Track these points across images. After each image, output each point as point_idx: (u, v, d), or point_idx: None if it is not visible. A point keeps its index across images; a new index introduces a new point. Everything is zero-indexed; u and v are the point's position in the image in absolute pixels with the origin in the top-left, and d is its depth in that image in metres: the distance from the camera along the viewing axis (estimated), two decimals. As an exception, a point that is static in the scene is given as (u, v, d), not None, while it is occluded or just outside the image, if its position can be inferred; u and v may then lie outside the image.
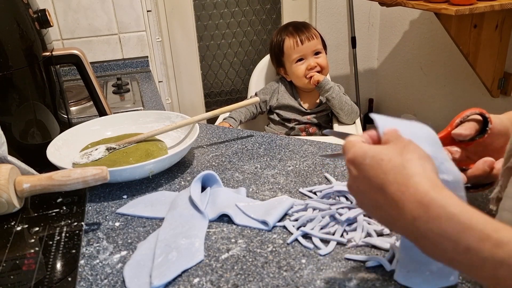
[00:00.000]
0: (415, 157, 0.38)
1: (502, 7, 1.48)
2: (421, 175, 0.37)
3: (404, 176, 0.37)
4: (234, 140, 0.90)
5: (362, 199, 0.42)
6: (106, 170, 0.62)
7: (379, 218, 0.41)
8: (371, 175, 0.39)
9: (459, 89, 2.04)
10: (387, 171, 0.38)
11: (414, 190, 0.36)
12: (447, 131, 0.55)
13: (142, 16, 1.55)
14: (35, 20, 0.79)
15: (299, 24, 1.56)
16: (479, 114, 0.55)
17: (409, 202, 0.36)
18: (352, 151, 0.42)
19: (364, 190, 0.41)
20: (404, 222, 0.37)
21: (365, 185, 0.40)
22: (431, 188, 0.36)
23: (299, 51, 1.51)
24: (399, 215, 0.37)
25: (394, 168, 0.38)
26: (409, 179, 0.37)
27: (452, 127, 0.55)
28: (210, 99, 2.41)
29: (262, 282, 0.50)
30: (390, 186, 0.37)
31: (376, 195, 0.39)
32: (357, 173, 0.41)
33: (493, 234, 0.32)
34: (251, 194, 0.69)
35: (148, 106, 1.23)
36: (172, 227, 0.59)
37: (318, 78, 1.48)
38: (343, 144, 0.45)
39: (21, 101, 0.78)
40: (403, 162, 0.38)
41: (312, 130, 1.56)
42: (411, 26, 2.24)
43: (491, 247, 0.32)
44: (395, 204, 0.37)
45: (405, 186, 0.36)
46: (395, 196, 0.37)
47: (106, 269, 0.54)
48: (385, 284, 0.48)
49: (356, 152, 0.41)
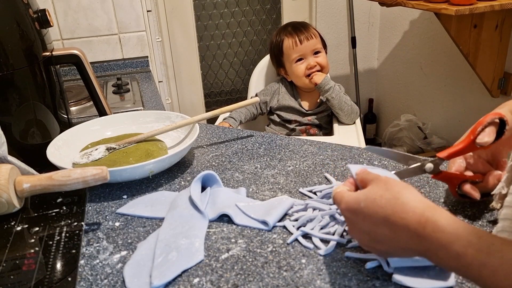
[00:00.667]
0: (400, 188, 0.44)
1: (502, 7, 1.48)
2: (413, 200, 0.43)
3: (399, 205, 0.43)
4: (234, 140, 0.90)
5: (366, 238, 0.47)
6: (106, 170, 0.62)
7: (389, 248, 0.45)
8: (371, 214, 0.44)
9: (459, 89, 2.04)
10: (383, 206, 0.43)
11: (412, 213, 0.42)
12: (470, 139, 0.56)
13: (142, 16, 1.55)
14: (35, 20, 0.79)
15: (298, 24, 1.56)
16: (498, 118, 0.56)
17: (411, 224, 0.41)
18: (344, 201, 0.48)
19: (368, 229, 0.46)
20: (412, 242, 0.42)
21: (368, 225, 0.45)
22: (424, 209, 0.42)
23: (298, 50, 1.51)
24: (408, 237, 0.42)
25: (388, 201, 0.43)
26: (405, 206, 0.42)
27: (475, 134, 0.56)
28: (210, 99, 2.41)
29: (262, 282, 0.50)
30: (391, 216, 0.43)
31: (381, 229, 0.44)
32: (356, 218, 0.47)
33: (475, 240, 0.38)
34: (251, 194, 0.69)
35: (148, 106, 1.23)
36: (172, 227, 0.59)
37: (316, 81, 1.48)
38: (333, 196, 0.51)
39: (21, 101, 0.78)
40: (394, 195, 0.44)
41: (312, 131, 1.56)
42: (411, 26, 2.24)
43: (474, 252, 0.38)
44: (401, 228, 0.42)
45: (404, 213, 0.42)
46: (399, 223, 0.42)
47: (106, 269, 0.54)
48: (385, 284, 0.48)
49: (349, 201, 0.47)
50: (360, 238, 0.48)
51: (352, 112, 1.48)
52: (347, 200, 0.48)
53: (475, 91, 1.94)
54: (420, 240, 0.41)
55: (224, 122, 1.52)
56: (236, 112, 1.54)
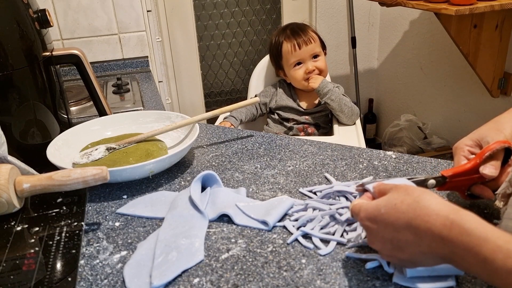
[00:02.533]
0: (420, 192, 0.43)
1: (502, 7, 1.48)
2: (436, 203, 0.41)
3: (422, 208, 0.41)
4: (234, 140, 0.90)
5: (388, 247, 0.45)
6: (106, 170, 0.62)
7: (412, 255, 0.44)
8: (392, 220, 0.43)
9: (459, 89, 2.04)
10: (405, 211, 0.42)
11: (436, 216, 0.40)
12: (476, 163, 0.57)
13: (142, 16, 1.55)
14: (35, 20, 0.79)
15: (296, 27, 1.55)
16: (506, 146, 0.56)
17: (435, 227, 0.40)
18: (364, 209, 0.47)
19: (391, 236, 0.44)
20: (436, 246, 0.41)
21: (390, 231, 0.44)
22: (449, 211, 0.40)
23: (296, 55, 1.51)
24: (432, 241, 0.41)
25: (409, 206, 0.42)
26: (428, 209, 0.41)
27: (481, 159, 0.56)
28: (210, 99, 2.41)
29: (262, 282, 0.50)
30: (414, 220, 0.41)
31: (404, 234, 0.43)
32: (377, 226, 0.45)
33: (504, 245, 0.36)
34: (251, 194, 0.69)
35: (148, 106, 1.23)
36: (172, 227, 0.59)
37: (313, 86, 1.48)
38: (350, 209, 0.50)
39: (21, 101, 0.78)
40: (415, 198, 0.42)
41: (310, 130, 1.56)
42: (411, 26, 2.24)
43: (503, 257, 0.36)
44: (424, 232, 0.41)
45: (427, 216, 0.41)
46: (422, 226, 0.41)
47: (106, 269, 0.54)
48: (385, 284, 0.48)
49: (368, 209, 0.46)
50: (381, 247, 0.46)
51: (352, 114, 1.48)
52: (366, 208, 0.46)
53: (475, 91, 1.94)
54: (445, 243, 0.40)
55: (225, 122, 1.52)
56: (237, 112, 1.55)
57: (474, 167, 0.57)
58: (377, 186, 0.50)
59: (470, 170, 0.57)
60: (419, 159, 0.76)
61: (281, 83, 1.61)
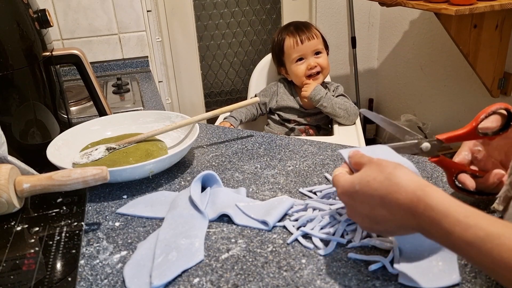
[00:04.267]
0: (391, 169, 0.46)
1: (502, 7, 1.48)
2: (405, 180, 0.44)
3: (392, 185, 0.45)
4: (234, 140, 0.90)
5: (366, 220, 0.49)
6: (106, 170, 0.62)
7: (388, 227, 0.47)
8: (367, 197, 0.47)
9: (459, 89, 2.04)
10: (377, 188, 0.46)
11: (405, 192, 0.43)
12: (472, 126, 0.56)
13: (142, 16, 1.55)
14: (35, 20, 0.79)
15: (300, 24, 1.56)
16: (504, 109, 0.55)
17: (404, 203, 0.43)
18: (340, 186, 0.50)
19: (367, 212, 0.47)
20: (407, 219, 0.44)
21: (366, 208, 0.47)
22: (416, 188, 0.43)
23: (299, 50, 1.51)
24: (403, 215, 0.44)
25: (381, 183, 0.45)
26: (397, 186, 0.44)
27: (477, 121, 0.56)
28: (210, 99, 2.41)
29: (262, 282, 0.50)
30: (386, 197, 0.45)
31: (378, 210, 0.46)
32: (353, 201, 0.49)
33: (462, 219, 0.39)
34: (251, 194, 0.69)
35: (148, 106, 1.23)
36: (172, 227, 0.59)
37: (304, 94, 1.48)
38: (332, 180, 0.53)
39: (21, 101, 0.78)
40: (387, 176, 0.45)
41: (312, 131, 1.56)
42: (411, 26, 2.24)
43: (461, 230, 0.39)
44: (396, 208, 0.44)
45: (397, 193, 0.44)
46: (394, 203, 0.44)
47: (106, 269, 0.54)
48: (385, 284, 0.48)
49: (344, 186, 0.49)
50: (360, 221, 0.50)
51: (349, 115, 1.47)
52: (343, 185, 0.50)
53: (475, 91, 1.94)
54: (414, 217, 0.43)
55: (225, 122, 1.52)
56: (237, 112, 1.54)
57: (471, 130, 0.56)
58: (353, 157, 0.52)
59: (466, 134, 0.56)
60: (419, 159, 0.76)
61: (282, 82, 1.61)
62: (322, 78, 1.54)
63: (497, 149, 0.59)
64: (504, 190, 0.53)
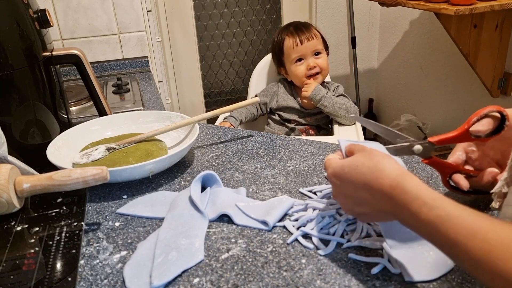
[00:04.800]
0: (380, 158, 0.49)
1: (502, 7, 1.48)
2: (389, 168, 0.47)
3: (377, 171, 0.47)
4: (234, 140, 0.90)
5: (349, 201, 0.52)
6: (106, 170, 0.62)
7: (367, 210, 0.50)
8: (353, 179, 0.49)
9: (459, 89, 2.04)
10: (364, 172, 0.48)
11: (387, 178, 0.46)
12: (464, 129, 0.57)
13: (142, 16, 1.55)
14: (35, 20, 0.79)
15: (300, 24, 1.56)
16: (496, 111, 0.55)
17: (384, 188, 0.46)
18: (332, 167, 0.53)
19: (350, 193, 0.51)
20: (385, 204, 0.47)
21: (350, 188, 0.50)
22: (398, 174, 0.46)
23: (298, 51, 1.51)
24: (382, 199, 0.47)
25: (369, 168, 0.48)
26: (382, 172, 0.47)
27: (469, 124, 0.56)
28: (210, 99, 2.41)
29: (262, 282, 0.50)
30: (370, 181, 0.48)
31: (361, 192, 0.49)
32: (340, 182, 0.52)
33: (429, 201, 0.42)
34: (251, 194, 0.69)
35: (148, 106, 1.23)
36: (172, 227, 0.59)
37: (304, 95, 1.48)
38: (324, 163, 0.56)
39: (21, 101, 0.78)
40: (375, 163, 0.48)
41: (312, 131, 1.56)
42: (411, 26, 2.24)
43: (427, 210, 0.42)
44: (378, 192, 0.47)
45: (380, 178, 0.47)
46: (376, 187, 0.47)
47: (106, 269, 0.54)
48: (385, 284, 0.48)
49: (335, 168, 0.52)
50: (343, 201, 0.53)
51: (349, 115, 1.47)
52: (334, 167, 0.53)
53: (475, 91, 1.94)
54: (391, 201, 0.46)
55: (225, 122, 1.52)
56: (237, 112, 1.54)
57: (462, 133, 0.56)
58: (347, 146, 0.55)
59: (458, 136, 0.57)
60: (419, 159, 0.76)
61: (282, 82, 1.61)
62: (322, 78, 1.54)
63: (493, 149, 0.59)
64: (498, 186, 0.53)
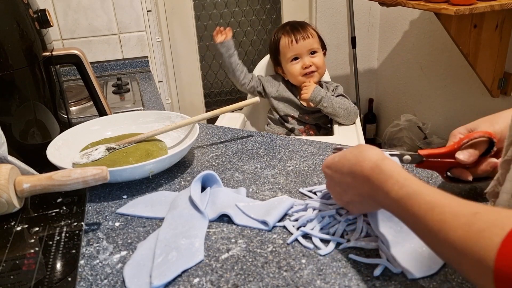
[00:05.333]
0: (367, 147, 0.53)
1: (502, 7, 1.48)
2: (371, 153, 0.50)
3: (361, 157, 0.51)
4: (234, 140, 0.90)
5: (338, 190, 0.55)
6: (106, 170, 0.62)
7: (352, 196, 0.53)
8: (340, 166, 0.54)
9: (459, 89, 2.04)
10: (350, 159, 0.52)
11: (368, 161, 0.50)
12: (453, 147, 0.59)
13: (142, 16, 1.55)
14: (35, 20, 0.79)
15: (296, 24, 1.56)
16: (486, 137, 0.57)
17: (365, 170, 0.49)
18: (325, 160, 0.58)
19: (338, 180, 0.54)
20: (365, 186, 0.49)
21: (338, 176, 0.54)
22: (378, 159, 0.49)
23: (293, 50, 1.51)
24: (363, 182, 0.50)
25: (354, 155, 0.52)
26: (364, 157, 0.51)
27: (459, 144, 0.58)
28: (210, 99, 2.41)
29: (262, 282, 0.50)
30: (354, 166, 0.51)
31: (346, 178, 0.52)
32: (331, 172, 0.56)
33: (401, 180, 0.45)
34: (251, 194, 0.69)
35: (148, 106, 1.23)
36: (172, 227, 0.59)
37: (304, 97, 1.48)
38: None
39: (21, 101, 0.78)
40: (361, 151, 0.52)
41: (312, 132, 1.56)
42: (411, 26, 2.24)
43: (398, 188, 0.44)
44: (359, 175, 0.50)
45: (363, 162, 0.50)
46: (358, 170, 0.50)
47: (106, 269, 0.54)
48: (385, 284, 0.48)
49: (328, 159, 0.58)
50: (334, 191, 0.57)
51: (349, 115, 1.47)
52: (327, 159, 0.58)
53: (475, 91, 1.94)
54: (369, 182, 0.48)
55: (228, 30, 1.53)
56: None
57: (451, 151, 0.59)
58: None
59: (445, 153, 0.59)
60: (419, 159, 0.76)
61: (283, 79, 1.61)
62: (318, 77, 1.54)
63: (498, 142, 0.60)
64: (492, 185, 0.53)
